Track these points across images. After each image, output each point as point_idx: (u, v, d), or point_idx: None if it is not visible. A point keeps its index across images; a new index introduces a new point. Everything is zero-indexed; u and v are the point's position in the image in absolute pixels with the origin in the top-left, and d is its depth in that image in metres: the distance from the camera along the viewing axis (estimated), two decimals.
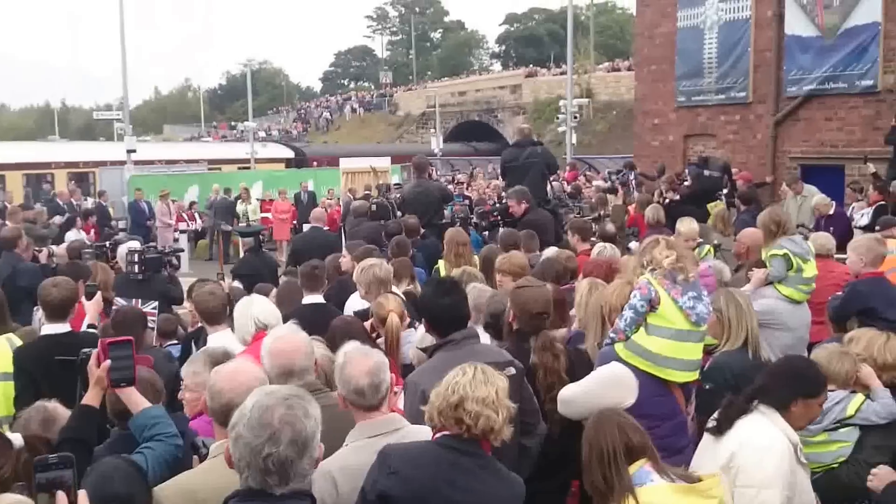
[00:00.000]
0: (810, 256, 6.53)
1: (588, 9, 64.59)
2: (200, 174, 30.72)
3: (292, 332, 4.24)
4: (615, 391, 4.26)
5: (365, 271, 6.57)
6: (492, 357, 4.33)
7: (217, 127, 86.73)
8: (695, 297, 4.37)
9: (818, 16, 17.42)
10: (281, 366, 4.00)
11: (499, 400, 3.31)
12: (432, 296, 4.58)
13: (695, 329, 4.38)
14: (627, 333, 4.36)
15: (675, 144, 21.26)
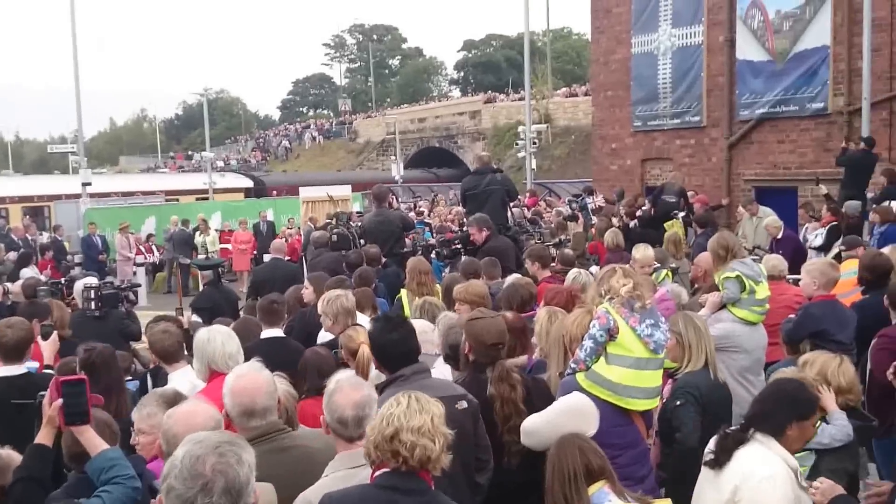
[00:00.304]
0: (762, 278, 6.61)
1: (545, 35, 65.14)
2: (157, 206, 30.43)
3: (255, 370, 4.16)
4: (577, 421, 4.27)
5: (331, 302, 6.54)
6: (443, 391, 4.30)
7: (174, 157, 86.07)
8: (652, 324, 4.41)
9: (769, 40, 17.77)
10: (242, 404, 3.95)
11: (434, 428, 3.25)
12: (380, 332, 4.57)
13: (654, 357, 4.41)
14: (588, 363, 4.38)
15: (632, 168, 21.50)
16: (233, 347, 5.24)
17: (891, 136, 15.78)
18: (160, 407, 4.17)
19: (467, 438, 4.30)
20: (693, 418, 4.82)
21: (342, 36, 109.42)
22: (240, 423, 3.96)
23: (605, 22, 21.97)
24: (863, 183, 14.34)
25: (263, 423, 3.94)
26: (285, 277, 10.79)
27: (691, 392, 4.92)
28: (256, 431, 3.93)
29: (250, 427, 3.94)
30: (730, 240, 7.13)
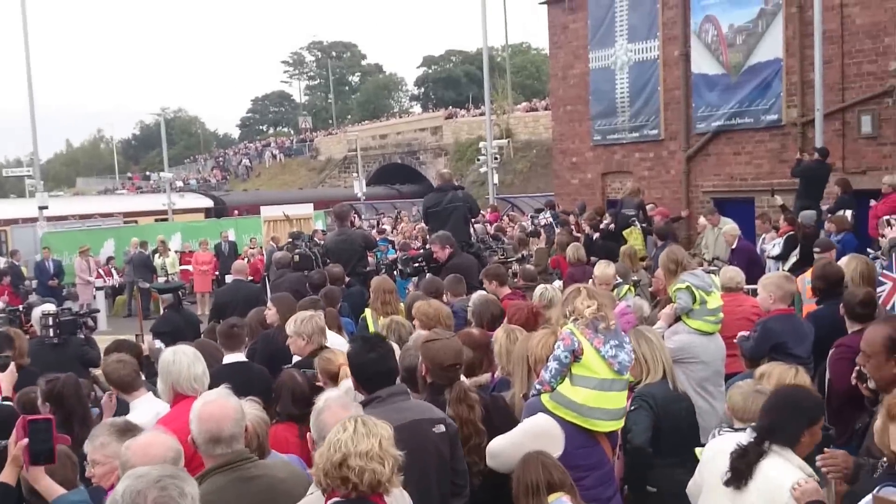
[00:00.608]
0: (713, 288, 6.69)
1: (504, 50, 65.63)
2: (116, 228, 30.09)
3: (223, 396, 4.11)
4: (542, 443, 4.28)
5: (306, 322, 6.52)
6: (421, 414, 4.33)
7: (131, 178, 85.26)
8: (617, 345, 4.42)
9: (723, 54, 18.05)
10: (208, 431, 3.90)
11: (383, 450, 3.24)
12: (359, 352, 4.56)
13: (618, 378, 4.42)
14: (553, 384, 4.38)
15: (593, 182, 21.68)
16: (198, 370, 5.19)
17: (844, 147, 16.06)
18: (112, 436, 4.14)
19: (443, 462, 4.30)
20: (644, 421, 4.94)
21: (301, 53, 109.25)
22: (206, 451, 3.92)
23: (563, 37, 22.18)
24: (818, 193, 14.58)
25: (229, 451, 3.89)
26: (247, 299, 10.74)
27: (646, 399, 5.06)
28: (222, 459, 3.89)
29: (216, 455, 3.90)
30: (678, 253, 7.33)
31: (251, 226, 28.32)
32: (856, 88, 15.92)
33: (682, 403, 5.35)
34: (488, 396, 5.00)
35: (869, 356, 4.41)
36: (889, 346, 4.33)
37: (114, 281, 24.23)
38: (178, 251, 25.92)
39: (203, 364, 5.27)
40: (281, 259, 12.64)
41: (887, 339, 4.35)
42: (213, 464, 3.89)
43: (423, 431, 4.22)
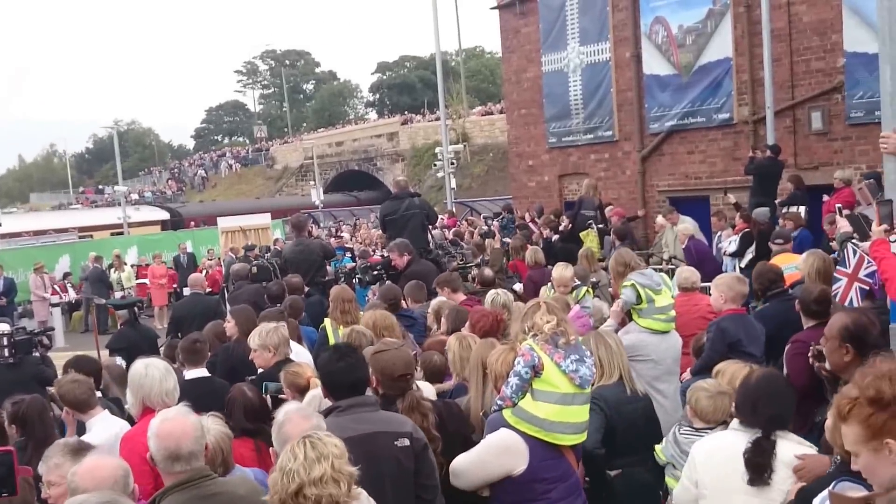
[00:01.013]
0: (661, 287, 6.73)
1: (457, 54, 65.75)
2: (71, 244, 29.68)
3: (182, 413, 4.07)
4: (506, 458, 4.28)
5: (271, 334, 6.48)
6: (382, 426, 4.30)
7: (83, 192, 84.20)
8: (577, 359, 4.41)
9: (673, 55, 18.24)
10: (167, 448, 3.85)
11: (336, 471, 3.19)
12: (328, 361, 4.53)
13: (580, 392, 4.41)
14: (514, 400, 4.36)
15: (550, 184, 21.78)
16: (170, 384, 5.16)
17: (795, 143, 16.29)
18: (66, 457, 4.10)
19: (405, 476, 4.27)
20: (594, 423, 4.94)
21: (254, 62, 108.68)
22: (164, 468, 3.88)
23: (515, 41, 22.27)
24: (771, 189, 14.76)
25: (188, 469, 3.84)
26: (205, 312, 10.67)
27: (597, 402, 5.06)
28: (181, 477, 3.84)
29: (175, 472, 3.85)
30: (626, 256, 7.54)
31: (208, 237, 28.11)
32: (805, 85, 16.16)
33: (638, 403, 5.39)
34: (441, 403, 5.00)
35: (827, 339, 4.54)
36: (842, 335, 4.45)
37: (70, 297, 23.91)
38: (134, 265, 25.65)
39: (174, 378, 5.24)
40: (239, 271, 12.57)
41: (843, 327, 4.47)
42: (172, 482, 3.84)
43: (381, 444, 4.19)
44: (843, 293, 5.72)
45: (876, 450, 2.64)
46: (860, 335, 4.40)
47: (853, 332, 4.40)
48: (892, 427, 2.62)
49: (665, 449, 4.93)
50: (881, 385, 2.66)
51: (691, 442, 4.68)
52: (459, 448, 4.67)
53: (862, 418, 2.67)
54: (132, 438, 4.94)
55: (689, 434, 4.78)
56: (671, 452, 4.85)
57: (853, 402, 2.71)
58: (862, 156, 15.14)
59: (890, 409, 2.63)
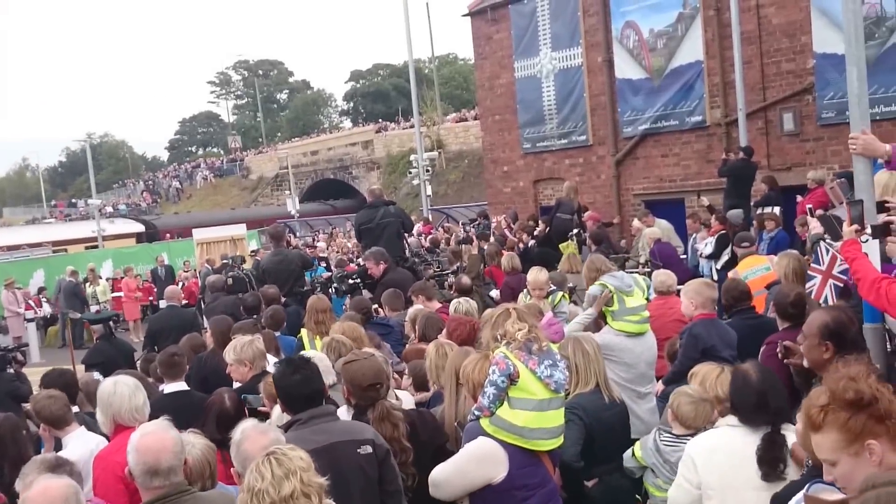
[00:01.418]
0: (633, 288, 6.69)
1: (430, 62, 65.80)
2: (45, 258, 29.43)
3: (161, 428, 4.04)
4: (485, 467, 4.27)
5: (246, 347, 6.45)
6: (344, 435, 4.30)
7: (55, 205, 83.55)
8: (551, 364, 4.40)
9: (645, 59, 18.34)
10: (145, 463, 3.83)
11: (306, 485, 3.16)
12: (282, 374, 4.53)
13: (555, 396, 4.41)
14: (492, 409, 4.34)
15: (525, 190, 21.83)
16: (139, 400, 5.11)
17: (768, 144, 16.42)
18: (42, 473, 4.05)
19: (370, 484, 4.28)
20: (573, 434, 4.97)
21: (227, 73, 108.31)
22: (143, 483, 3.86)
23: (487, 48, 22.33)
24: (745, 191, 14.86)
25: (167, 484, 3.82)
26: (182, 325, 10.60)
27: (576, 412, 5.08)
28: (160, 492, 3.83)
29: (153, 487, 3.83)
30: (597, 262, 7.94)
31: (184, 249, 27.95)
32: (776, 87, 16.29)
33: (614, 410, 5.39)
34: (415, 412, 4.98)
35: (806, 336, 4.56)
36: (822, 332, 4.48)
37: (45, 312, 23.70)
38: (110, 278, 25.47)
39: (144, 394, 5.19)
40: (215, 282, 12.51)
41: (822, 325, 4.49)
42: (150, 497, 3.83)
43: (344, 453, 4.19)
44: (818, 290, 5.75)
45: (856, 454, 2.60)
46: (840, 332, 4.43)
47: (833, 329, 4.42)
48: (871, 428, 2.59)
49: (645, 455, 4.91)
50: (860, 386, 2.62)
51: (673, 449, 4.68)
52: (432, 458, 4.67)
53: (840, 424, 2.62)
54: (105, 457, 4.91)
55: (669, 441, 4.78)
56: (652, 460, 4.84)
57: (825, 409, 2.66)
58: (834, 156, 15.28)
59: (868, 410, 2.60)
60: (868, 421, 2.59)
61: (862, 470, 2.55)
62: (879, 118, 13.21)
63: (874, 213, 4.98)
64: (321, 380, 4.62)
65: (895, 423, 2.60)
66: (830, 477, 2.70)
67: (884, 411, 2.60)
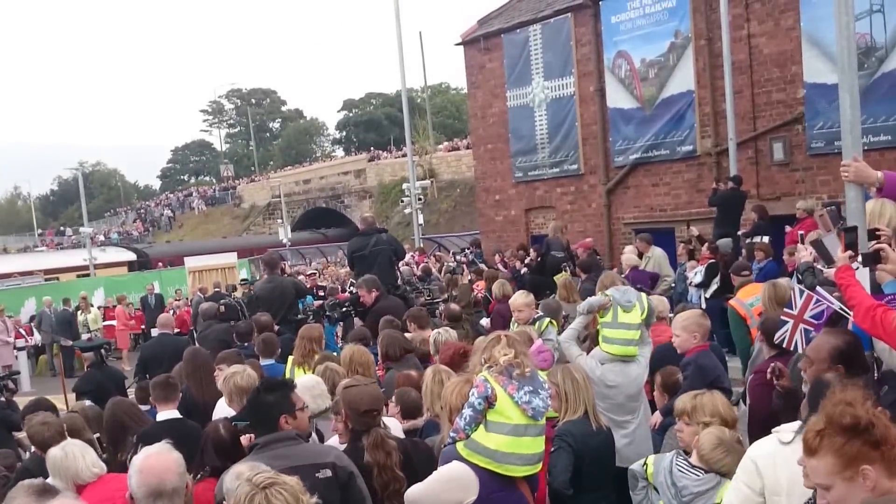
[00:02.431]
0: (631, 305, 6.64)
1: (423, 91, 66.12)
2: (36, 286, 29.34)
3: (165, 450, 4.00)
4: (454, 490, 4.26)
5: (227, 380, 6.40)
6: (303, 460, 4.30)
7: (42, 234, 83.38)
8: (531, 391, 4.38)
9: (636, 88, 18.50)
10: (149, 485, 3.78)
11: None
12: (254, 394, 4.58)
13: (533, 423, 4.38)
14: (468, 432, 4.33)
15: (517, 218, 21.92)
16: (92, 455, 5.11)
17: (758, 174, 16.54)
18: (30, 497, 4.03)
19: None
20: (563, 461, 4.97)
21: (220, 101, 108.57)
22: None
23: (480, 77, 22.49)
24: (735, 220, 14.92)
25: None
26: (174, 353, 10.51)
27: (565, 439, 5.10)
28: None
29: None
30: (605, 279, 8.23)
31: (175, 277, 27.91)
32: (766, 117, 16.44)
33: (601, 437, 5.39)
34: (409, 442, 4.98)
35: (812, 361, 4.48)
36: (833, 356, 4.42)
37: (35, 340, 23.57)
38: (101, 307, 25.40)
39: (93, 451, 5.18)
40: (207, 310, 12.46)
41: (833, 349, 4.43)
42: None
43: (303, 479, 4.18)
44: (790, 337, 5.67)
45: (851, 479, 2.60)
46: (852, 354, 4.39)
47: (845, 353, 4.37)
48: (866, 453, 2.59)
49: (657, 472, 4.78)
50: (856, 412, 2.63)
51: (683, 475, 4.64)
52: None
53: (835, 448, 2.63)
54: None
55: (683, 468, 4.71)
56: (661, 479, 4.76)
57: (821, 433, 2.67)
58: (823, 186, 15.38)
59: (864, 436, 2.60)
60: (863, 447, 2.59)
61: (856, 495, 2.56)
62: (868, 148, 13.30)
63: (865, 241, 5.01)
64: (291, 404, 4.63)
65: (890, 450, 2.60)
66: (823, 501, 2.69)
67: (879, 437, 2.60)
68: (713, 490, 4.57)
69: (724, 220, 14.88)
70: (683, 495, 4.59)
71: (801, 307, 5.54)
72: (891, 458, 2.60)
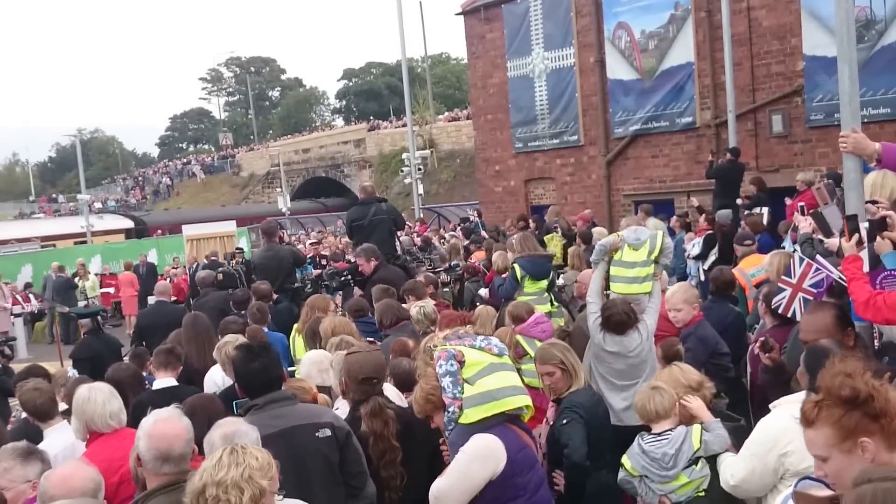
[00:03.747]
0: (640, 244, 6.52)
1: (423, 60, 65.76)
2: (33, 253, 29.30)
3: (175, 416, 4.02)
4: (487, 463, 4.08)
5: (220, 349, 6.42)
6: (301, 419, 4.33)
7: (34, 201, 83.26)
8: (483, 338, 4.38)
9: (636, 59, 18.41)
10: (157, 449, 3.82)
11: (244, 480, 3.13)
12: (241, 361, 4.56)
13: (501, 359, 4.30)
14: (458, 395, 4.18)
15: (516, 189, 21.89)
16: (115, 406, 5.03)
17: (757, 146, 16.51)
18: (15, 460, 4.09)
19: (329, 466, 4.30)
20: (579, 434, 4.93)
21: (219, 69, 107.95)
22: (152, 469, 3.84)
23: (480, 47, 22.37)
24: (733, 192, 14.91)
25: (176, 471, 3.81)
26: (172, 321, 10.53)
27: (576, 410, 5.04)
28: (168, 479, 3.81)
29: (162, 473, 3.82)
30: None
31: (173, 245, 27.87)
32: (766, 89, 16.38)
33: (602, 405, 5.41)
34: (410, 411, 4.95)
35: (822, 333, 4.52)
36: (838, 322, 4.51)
37: (32, 307, 23.58)
38: (98, 274, 25.39)
39: (119, 400, 5.11)
40: (205, 278, 12.46)
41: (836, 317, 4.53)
42: (158, 483, 3.81)
43: (302, 437, 4.20)
44: (787, 304, 5.66)
45: (849, 451, 2.59)
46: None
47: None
48: (865, 426, 2.58)
49: (635, 464, 4.78)
50: (856, 383, 2.60)
51: (659, 447, 4.68)
52: (428, 459, 4.68)
53: (833, 420, 2.61)
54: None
55: (652, 441, 4.76)
56: (642, 463, 4.80)
57: (819, 404, 2.65)
58: (822, 158, 15.37)
59: (863, 408, 2.58)
60: (862, 419, 2.58)
61: (853, 467, 2.53)
62: (867, 121, 13.27)
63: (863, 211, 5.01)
64: (280, 367, 4.66)
65: (890, 423, 2.58)
66: (821, 473, 2.68)
67: (879, 410, 2.58)
68: (686, 441, 4.66)
69: (723, 192, 14.87)
70: (665, 462, 4.65)
71: (801, 276, 5.55)
72: (891, 431, 2.58)
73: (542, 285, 8.60)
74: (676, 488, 4.66)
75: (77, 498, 3.42)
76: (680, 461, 4.63)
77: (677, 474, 4.64)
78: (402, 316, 7.50)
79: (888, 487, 2.15)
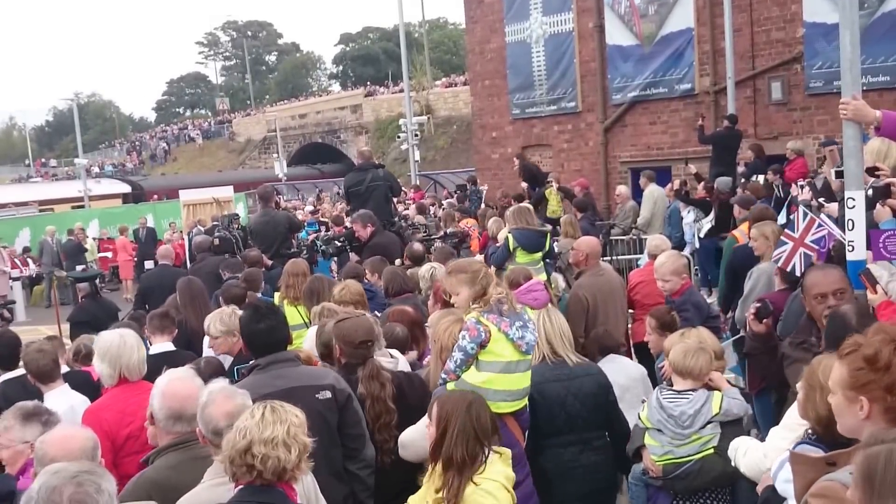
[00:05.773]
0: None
1: (421, 25, 65.27)
2: (31, 217, 29.25)
3: (189, 376, 4.14)
4: None
5: (232, 318, 6.26)
6: (304, 381, 4.38)
7: (28, 165, 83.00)
8: (522, 325, 4.40)
9: (636, 25, 18.29)
10: (170, 408, 3.93)
11: (290, 437, 3.21)
12: (248, 321, 4.62)
13: (523, 358, 4.41)
14: (458, 374, 4.35)
15: (513, 156, 21.79)
16: (143, 353, 5.15)
17: (756, 113, 16.47)
18: (17, 420, 4.15)
19: (329, 428, 4.35)
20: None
21: (215, 34, 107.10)
22: (165, 426, 3.95)
23: (479, 12, 22.20)
24: (731, 159, 14.91)
25: (188, 430, 3.90)
26: (173, 285, 10.54)
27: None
28: (180, 437, 3.92)
29: (174, 431, 3.94)
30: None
31: (170, 210, 27.79)
32: (765, 56, 16.31)
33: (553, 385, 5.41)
34: (403, 374, 5.01)
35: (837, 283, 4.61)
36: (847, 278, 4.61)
37: (30, 271, 23.58)
38: (95, 238, 25.37)
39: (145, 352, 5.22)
40: (201, 243, 12.46)
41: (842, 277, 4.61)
42: (170, 441, 3.92)
43: (303, 398, 4.19)
44: (787, 258, 5.66)
45: (850, 399, 2.73)
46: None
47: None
48: (871, 389, 2.69)
49: (651, 415, 4.80)
50: (882, 348, 2.71)
51: (676, 404, 4.70)
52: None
53: (853, 367, 2.74)
54: (95, 412, 4.90)
55: (672, 397, 4.77)
56: (658, 417, 4.80)
57: (854, 347, 2.77)
58: (821, 125, 15.34)
59: (878, 373, 2.68)
60: (872, 383, 2.69)
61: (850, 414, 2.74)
62: (867, 88, 13.20)
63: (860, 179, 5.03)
64: (286, 329, 4.72)
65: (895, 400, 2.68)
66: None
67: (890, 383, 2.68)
68: (707, 405, 4.68)
69: (720, 160, 14.86)
70: (682, 420, 4.66)
71: (803, 231, 5.56)
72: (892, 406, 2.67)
73: (536, 257, 8.60)
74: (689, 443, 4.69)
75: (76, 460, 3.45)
76: (697, 422, 4.66)
77: (691, 435, 4.67)
78: (408, 288, 7.48)
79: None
